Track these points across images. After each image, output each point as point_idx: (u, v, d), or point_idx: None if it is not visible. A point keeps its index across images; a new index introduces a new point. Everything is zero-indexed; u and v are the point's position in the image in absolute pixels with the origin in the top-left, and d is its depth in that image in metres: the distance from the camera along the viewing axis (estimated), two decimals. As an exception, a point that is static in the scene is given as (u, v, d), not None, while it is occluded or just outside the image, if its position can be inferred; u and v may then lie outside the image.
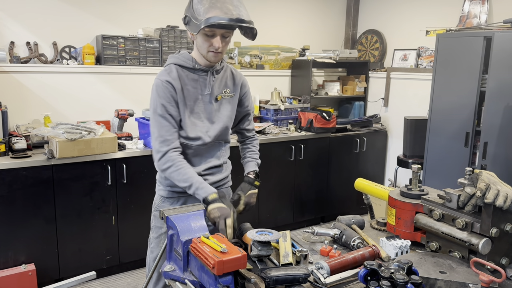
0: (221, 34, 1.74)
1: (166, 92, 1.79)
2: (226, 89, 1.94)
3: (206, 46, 1.76)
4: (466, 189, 1.46)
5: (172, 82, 1.80)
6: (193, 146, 1.88)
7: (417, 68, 4.55)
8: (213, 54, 1.77)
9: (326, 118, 4.23)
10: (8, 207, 2.87)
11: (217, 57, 1.80)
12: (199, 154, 1.92)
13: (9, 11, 3.36)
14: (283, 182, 4.14)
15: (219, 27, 1.69)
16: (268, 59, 4.74)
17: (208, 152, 1.94)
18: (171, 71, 1.83)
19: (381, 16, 5.04)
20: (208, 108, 1.89)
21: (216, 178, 1.98)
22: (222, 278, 1.17)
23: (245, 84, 2.03)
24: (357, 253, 1.46)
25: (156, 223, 1.95)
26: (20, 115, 3.42)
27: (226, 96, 1.94)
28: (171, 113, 1.80)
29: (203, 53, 1.80)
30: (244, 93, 2.03)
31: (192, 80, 1.85)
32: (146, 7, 3.91)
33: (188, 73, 1.85)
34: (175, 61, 1.86)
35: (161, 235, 1.93)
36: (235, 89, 1.98)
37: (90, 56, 3.57)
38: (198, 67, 1.85)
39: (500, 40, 3.25)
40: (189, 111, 1.85)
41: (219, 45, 1.74)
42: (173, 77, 1.81)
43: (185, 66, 1.85)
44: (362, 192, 2.24)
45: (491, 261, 1.40)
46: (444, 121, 3.64)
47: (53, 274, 3.09)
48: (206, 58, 1.81)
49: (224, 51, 1.81)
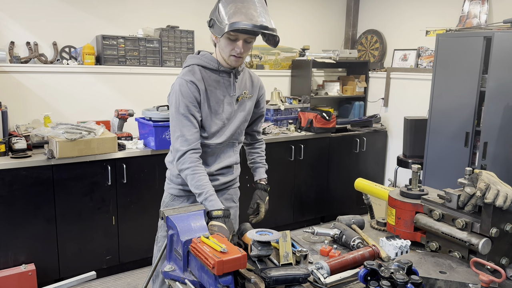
0: (244, 39, 1.76)
1: (190, 92, 1.80)
2: (245, 90, 1.97)
3: (229, 50, 1.78)
4: (466, 189, 1.46)
5: (197, 83, 1.81)
6: (211, 145, 1.90)
7: (417, 68, 4.55)
8: (235, 58, 1.80)
9: (326, 118, 4.23)
10: (8, 207, 2.87)
11: (238, 62, 1.82)
12: (215, 154, 1.94)
13: (9, 11, 3.36)
14: (283, 182, 4.14)
15: (243, 32, 1.71)
16: (268, 59, 4.74)
17: (223, 152, 1.96)
18: (195, 72, 1.84)
19: (381, 16, 5.04)
20: (229, 109, 1.91)
21: (227, 179, 2.00)
22: (222, 278, 1.17)
23: (262, 86, 2.07)
24: (357, 253, 1.46)
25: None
26: (20, 115, 3.42)
27: (245, 97, 1.97)
28: (193, 114, 1.80)
29: (225, 56, 1.82)
30: (261, 95, 2.07)
31: (215, 82, 1.87)
32: (146, 7, 3.91)
33: (211, 74, 1.87)
34: (197, 62, 1.87)
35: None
36: (253, 91, 2.01)
37: (90, 56, 3.57)
38: (222, 68, 1.87)
39: (500, 40, 3.25)
40: (211, 112, 1.87)
41: (241, 50, 1.76)
42: (197, 78, 1.83)
43: (208, 68, 1.86)
44: (362, 192, 2.24)
45: (491, 261, 1.40)
46: (444, 121, 3.64)
47: (53, 274, 3.09)
48: (227, 62, 1.83)
49: (245, 56, 1.84)
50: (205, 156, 1.91)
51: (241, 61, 1.84)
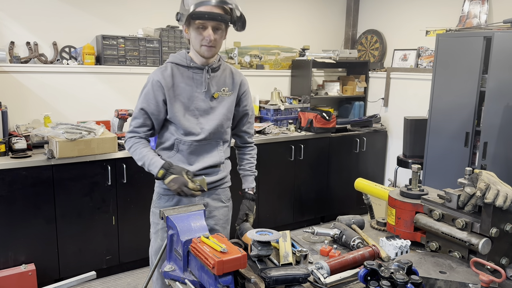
0: (212, 27, 1.78)
1: (152, 91, 1.88)
2: (225, 87, 1.96)
3: (199, 40, 1.80)
4: (466, 189, 1.46)
5: (162, 81, 1.86)
6: (187, 142, 1.91)
7: (417, 68, 4.55)
8: (206, 48, 1.81)
9: (326, 118, 4.23)
10: (8, 207, 2.87)
11: (210, 51, 1.83)
12: (196, 152, 1.94)
13: (9, 11, 3.36)
14: (283, 182, 4.14)
15: (208, 18, 1.74)
16: (268, 59, 4.74)
17: (205, 151, 1.95)
18: (165, 69, 1.90)
19: (381, 16, 5.04)
20: (203, 105, 1.91)
21: (213, 178, 1.98)
22: (222, 278, 1.17)
23: (244, 83, 2.04)
24: (357, 253, 1.46)
25: (154, 219, 2.00)
26: (20, 115, 3.42)
27: (224, 94, 1.96)
28: (147, 110, 1.88)
29: (196, 48, 1.84)
30: (243, 92, 2.04)
31: (187, 78, 1.89)
32: (146, 7, 3.91)
33: (183, 70, 1.90)
34: (172, 59, 1.92)
35: (158, 230, 1.97)
36: (233, 88, 1.99)
37: (90, 56, 3.57)
38: (193, 65, 1.89)
39: (500, 40, 3.25)
40: (183, 107, 1.89)
41: (211, 38, 1.78)
42: (165, 75, 1.87)
43: (180, 64, 1.90)
44: (362, 192, 2.24)
45: (491, 261, 1.40)
46: (444, 121, 3.64)
47: (53, 274, 3.09)
48: (200, 53, 1.85)
49: (218, 45, 1.84)
50: (186, 155, 1.92)
51: (214, 51, 1.84)
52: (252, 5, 4.57)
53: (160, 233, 1.96)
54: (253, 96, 4.61)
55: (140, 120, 1.91)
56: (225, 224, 2.08)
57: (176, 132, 1.91)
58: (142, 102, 1.90)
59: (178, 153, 1.93)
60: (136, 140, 1.92)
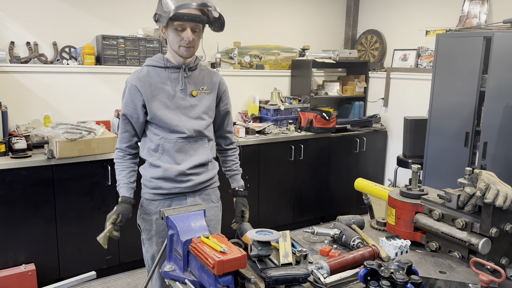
0: (191, 28, 1.80)
1: (129, 95, 1.91)
2: (203, 86, 1.98)
3: (177, 41, 1.82)
4: (466, 189, 1.46)
5: (138, 84, 1.89)
6: (173, 140, 1.91)
7: (417, 68, 4.55)
8: (185, 48, 1.83)
9: (326, 118, 4.23)
10: (8, 207, 2.87)
11: (189, 52, 1.85)
12: (182, 150, 1.93)
13: (9, 11, 3.36)
14: (283, 182, 4.14)
15: (187, 19, 1.76)
16: (268, 59, 4.74)
17: (192, 149, 1.95)
18: (141, 71, 1.94)
19: (381, 16, 5.04)
20: (183, 103, 1.92)
21: (202, 178, 1.98)
22: (222, 278, 1.17)
23: (223, 82, 2.08)
24: (357, 253, 1.46)
25: (146, 225, 1.99)
26: (20, 115, 3.42)
27: (203, 92, 1.98)
28: (127, 115, 1.92)
29: (175, 49, 1.86)
30: (223, 91, 2.07)
31: (164, 78, 1.91)
32: (146, 7, 3.91)
33: (160, 71, 1.92)
34: (148, 62, 1.96)
35: (152, 237, 1.97)
36: (212, 87, 2.01)
37: (90, 56, 3.57)
38: (170, 65, 1.91)
39: (500, 40, 3.25)
40: (163, 106, 1.90)
41: (189, 38, 1.80)
42: (140, 78, 1.90)
43: (157, 66, 1.92)
44: (362, 192, 2.24)
45: (491, 261, 1.40)
46: (444, 121, 3.64)
47: (53, 274, 3.09)
48: (178, 54, 1.87)
49: (196, 46, 1.87)
50: (173, 154, 1.92)
51: (192, 51, 1.86)
52: (252, 5, 4.57)
53: (154, 239, 1.96)
54: (253, 96, 4.62)
55: (123, 126, 1.94)
56: (216, 224, 2.08)
57: (161, 132, 1.92)
58: (123, 108, 1.94)
59: (164, 154, 1.92)
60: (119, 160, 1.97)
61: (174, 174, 1.91)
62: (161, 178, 1.91)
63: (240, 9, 4.45)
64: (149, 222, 1.97)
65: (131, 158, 1.97)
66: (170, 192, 1.93)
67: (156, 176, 1.92)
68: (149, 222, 1.97)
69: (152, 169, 1.93)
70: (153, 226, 1.96)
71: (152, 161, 1.92)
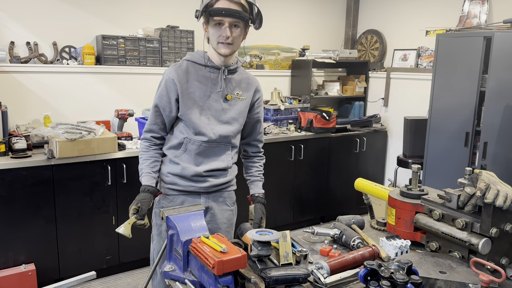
0: (230, 23, 1.76)
1: (165, 87, 1.88)
2: (239, 91, 1.94)
3: (216, 37, 1.79)
4: (466, 189, 1.46)
5: (175, 77, 1.85)
6: (197, 142, 1.88)
7: (417, 68, 4.55)
8: (223, 45, 1.80)
9: (326, 118, 4.23)
10: (8, 207, 2.87)
11: (227, 49, 1.81)
12: (203, 154, 1.91)
13: (9, 11, 3.36)
14: (283, 182, 4.14)
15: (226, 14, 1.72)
16: (268, 59, 4.74)
17: (213, 153, 1.93)
18: (181, 65, 1.90)
19: (381, 16, 5.04)
20: (216, 106, 1.89)
21: (219, 181, 1.96)
22: (222, 278, 1.17)
23: (259, 89, 2.03)
24: (357, 253, 1.46)
25: (157, 220, 1.97)
26: (20, 115, 3.42)
27: (237, 98, 1.93)
28: (160, 107, 1.89)
29: (214, 45, 1.82)
30: (257, 99, 2.02)
31: (202, 77, 1.88)
32: (146, 7, 3.91)
33: (199, 68, 1.88)
34: (188, 57, 1.92)
35: (161, 232, 1.95)
36: (248, 93, 1.97)
37: (90, 56, 3.57)
38: (210, 64, 1.87)
39: (500, 40, 3.25)
40: (195, 106, 1.87)
41: (228, 34, 1.76)
42: (179, 72, 1.86)
43: (197, 63, 1.89)
44: (362, 192, 2.24)
45: (491, 261, 1.40)
46: (444, 121, 3.64)
47: (53, 274, 3.09)
48: (217, 51, 1.83)
49: (235, 43, 1.82)
50: (194, 155, 1.90)
51: (231, 49, 1.82)
52: (252, 5, 4.57)
53: (163, 235, 1.93)
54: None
55: (154, 118, 1.92)
56: (228, 228, 2.03)
57: (186, 131, 1.89)
58: (156, 99, 1.91)
59: (185, 153, 1.91)
60: (146, 148, 1.94)
61: (191, 174, 1.89)
62: (178, 175, 1.91)
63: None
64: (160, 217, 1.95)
65: (156, 148, 1.95)
66: (185, 190, 1.92)
67: (174, 172, 1.91)
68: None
69: (172, 165, 1.92)
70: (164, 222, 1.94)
71: (172, 157, 1.91)
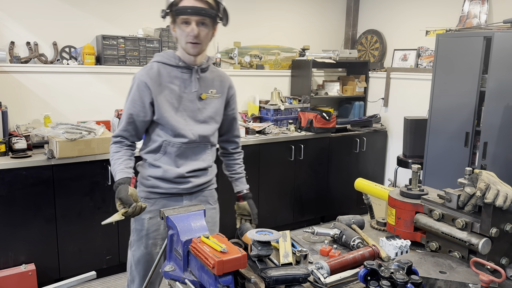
0: (196, 21, 1.72)
1: (137, 92, 1.82)
2: (213, 89, 1.91)
3: (184, 36, 1.75)
4: (466, 189, 1.46)
5: (147, 80, 1.80)
6: (176, 144, 1.86)
7: (417, 68, 4.55)
8: (191, 45, 1.76)
9: (326, 118, 4.23)
10: (8, 207, 2.87)
11: (196, 48, 1.77)
12: (184, 155, 1.89)
13: (9, 11, 3.36)
14: (283, 182, 4.14)
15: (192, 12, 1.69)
16: (268, 59, 4.74)
17: (193, 154, 1.91)
18: (151, 68, 1.84)
19: (381, 16, 5.04)
20: (191, 106, 1.86)
21: (201, 181, 1.95)
22: (222, 278, 1.17)
23: (232, 86, 2.01)
24: (357, 253, 1.46)
25: (137, 225, 1.92)
26: (20, 115, 3.42)
27: (212, 96, 1.91)
28: (133, 113, 1.84)
29: (182, 45, 1.79)
30: (231, 95, 2.01)
31: (175, 78, 1.84)
32: (146, 7, 3.91)
33: (171, 70, 1.84)
34: (158, 59, 1.86)
35: (142, 237, 1.91)
36: (222, 90, 1.95)
37: (90, 56, 3.57)
38: (182, 64, 1.84)
39: (500, 40, 3.25)
40: (171, 108, 1.83)
41: (195, 33, 1.72)
42: (151, 76, 1.81)
43: (168, 64, 1.84)
44: (362, 192, 2.24)
45: (491, 261, 1.40)
46: (444, 121, 3.64)
47: (53, 274, 3.09)
48: (186, 51, 1.80)
49: (204, 42, 1.79)
50: (174, 157, 1.87)
51: (199, 48, 1.78)
52: (252, 5, 4.57)
53: (144, 240, 1.90)
54: (253, 96, 4.62)
55: (125, 125, 1.86)
56: (213, 226, 2.02)
57: (165, 134, 1.85)
58: (129, 105, 1.84)
59: (165, 156, 1.87)
60: (116, 149, 1.87)
61: (173, 176, 1.87)
62: (160, 178, 1.88)
63: (240, 8, 4.45)
64: (140, 222, 1.90)
65: (128, 149, 1.90)
66: (167, 192, 1.89)
67: (155, 175, 1.88)
68: (141, 222, 1.90)
69: (152, 168, 1.90)
70: (145, 226, 1.90)
71: (152, 161, 1.88)
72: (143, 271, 1.92)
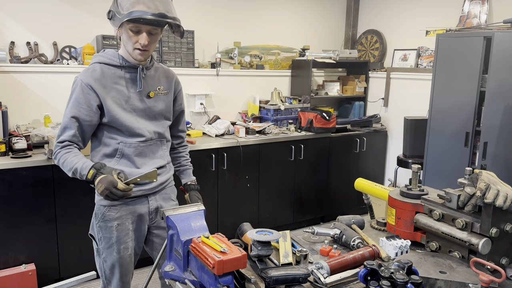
0: (147, 31, 1.70)
1: (82, 95, 1.76)
2: (160, 86, 1.91)
3: (132, 43, 1.72)
4: (466, 189, 1.46)
5: (92, 83, 1.76)
6: (133, 144, 1.84)
7: (417, 68, 4.55)
8: (139, 52, 1.74)
9: (326, 118, 4.23)
10: (8, 207, 2.87)
11: (143, 55, 1.76)
12: (142, 154, 1.88)
13: (9, 11, 3.36)
14: (283, 182, 4.14)
15: (144, 22, 1.66)
16: (268, 59, 4.74)
17: (151, 152, 1.91)
18: (94, 69, 1.79)
19: (381, 16, 5.04)
20: (139, 105, 1.85)
21: (163, 178, 1.96)
22: (222, 278, 1.17)
23: (178, 81, 2.03)
24: (357, 253, 1.46)
25: (105, 234, 1.89)
26: (20, 115, 3.42)
27: (160, 93, 1.91)
28: (79, 117, 1.77)
29: (129, 50, 1.76)
30: (178, 90, 2.03)
31: (120, 78, 1.81)
32: (146, 7, 3.91)
33: (115, 70, 1.81)
34: (100, 59, 1.82)
35: (112, 244, 1.89)
36: (169, 87, 1.96)
37: (90, 56, 3.57)
38: (127, 64, 1.81)
39: (500, 40, 3.25)
40: (120, 109, 1.80)
41: (145, 42, 1.70)
42: (95, 78, 1.77)
43: (111, 64, 1.81)
44: (362, 192, 2.24)
45: (491, 261, 1.40)
46: (444, 121, 3.64)
47: (53, 274, 3.09)
48: (132, 56, 1.77)
49: (151, 49, 1.77)
50: (133, 158, 1.85)
51: (147, 55, 1.77)
52: (252, 5, 4.57)
53: (115, 246, 1.88)
54: (253, 96, 4.62)
55: (72, 130, 1.77)
56: None
57: (119, 136, 1.82)
58: (72, 109, 1.76)
59: (122, 158, 1.84)
60: (66, 151, 1.77)
61: None
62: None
63: (240, 9, 4.45)
64: (108, 229, 1.87)
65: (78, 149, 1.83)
66: (133, 195, 1.81)
67: None
68: (109, 229, 1.87)
69: None
70: (114, 233, 1.86)
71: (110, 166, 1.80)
72: (119, 274, 1.93)
